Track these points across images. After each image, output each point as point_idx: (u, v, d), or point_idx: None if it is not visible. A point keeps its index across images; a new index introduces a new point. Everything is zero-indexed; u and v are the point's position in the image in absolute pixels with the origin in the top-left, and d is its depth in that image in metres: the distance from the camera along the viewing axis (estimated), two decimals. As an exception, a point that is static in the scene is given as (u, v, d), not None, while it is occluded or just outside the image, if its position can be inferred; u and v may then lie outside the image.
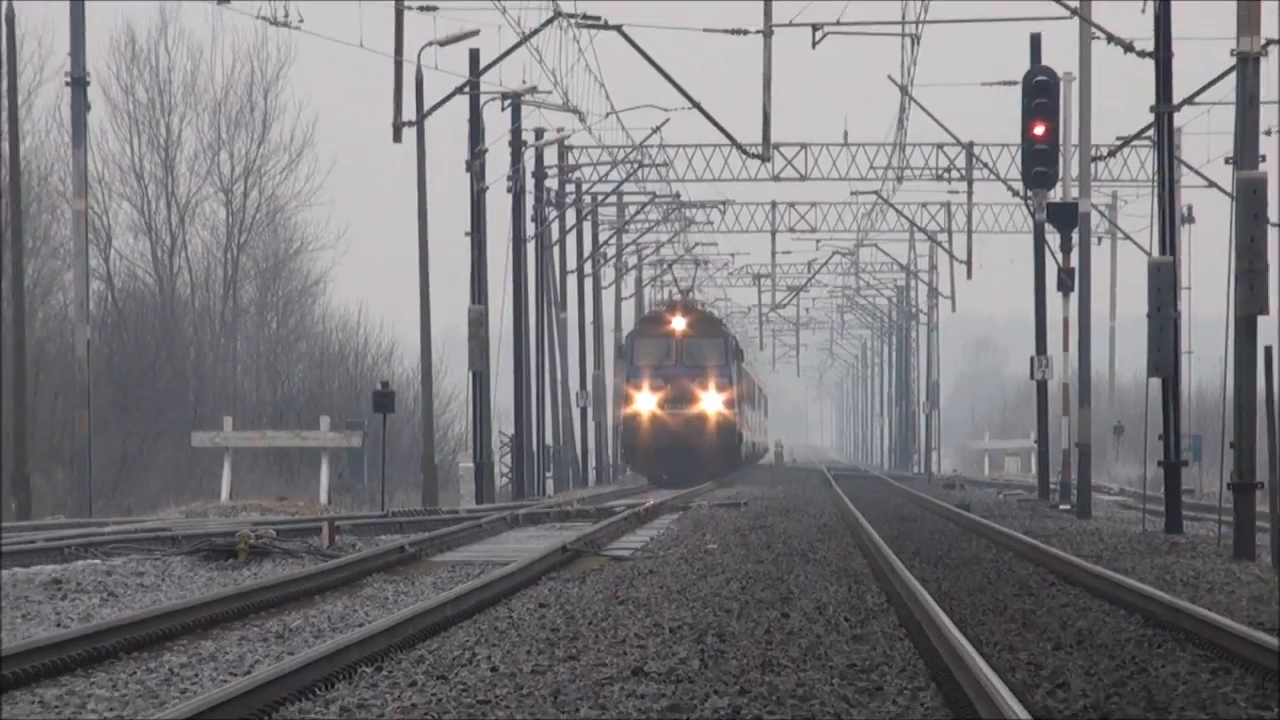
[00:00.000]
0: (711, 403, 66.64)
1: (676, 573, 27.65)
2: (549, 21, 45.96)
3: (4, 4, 46.65)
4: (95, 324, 57.29)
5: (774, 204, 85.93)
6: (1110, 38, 41.03)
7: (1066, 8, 43.25)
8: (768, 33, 46.73)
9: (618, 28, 45.53)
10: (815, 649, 18.19)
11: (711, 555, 30.67)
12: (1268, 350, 28.87)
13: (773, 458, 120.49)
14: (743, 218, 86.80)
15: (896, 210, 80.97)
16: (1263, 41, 31.88)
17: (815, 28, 47.04)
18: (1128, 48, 39.57)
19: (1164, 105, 36.38)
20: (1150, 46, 36.80)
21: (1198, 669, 16.97)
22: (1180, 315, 36.58)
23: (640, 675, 16.40)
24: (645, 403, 66.45)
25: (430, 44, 48.99)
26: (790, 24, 46.33)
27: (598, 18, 46.36)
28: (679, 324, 67.88)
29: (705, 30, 47.82)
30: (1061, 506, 50.29)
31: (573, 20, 45.77)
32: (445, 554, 31.87)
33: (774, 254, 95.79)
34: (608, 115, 59.77)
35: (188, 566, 29.37)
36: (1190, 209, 49.72)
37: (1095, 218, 55.89)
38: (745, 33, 45.90)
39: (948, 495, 62.81)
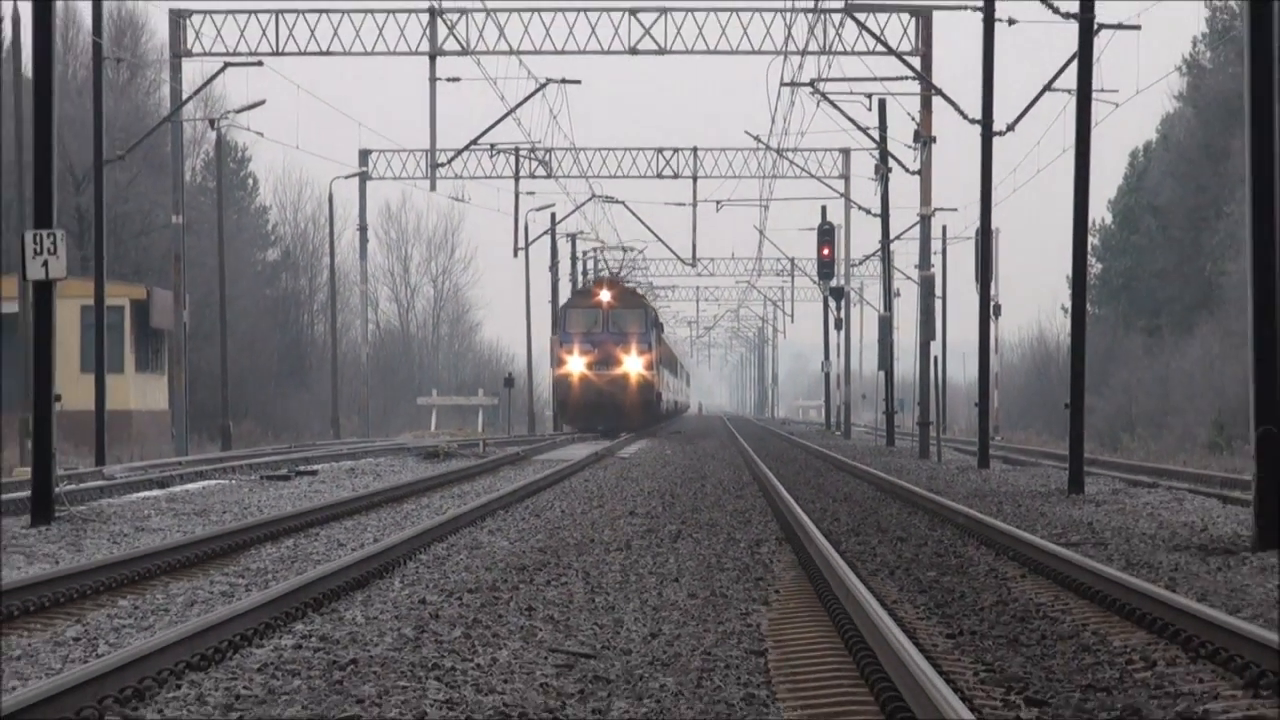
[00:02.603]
0: (633, 365, 68.98)
1: (650, 467, 40.62)
2: (589, 199, 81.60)
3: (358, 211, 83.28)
4: (370, 344, 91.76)
5: (698, 289, 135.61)
6: (859, 206, 65.80)
7: (835, 192, 65.06)
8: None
9: (621, 202, 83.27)
10: (718, 502, 27.16)
11: (668, 457, 46.20)
12: (935, 359, 49.21)
13: (695, 410, 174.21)
14: (677, 295, 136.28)
15: (758, 291, 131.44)
16: (931, 209, 48.56)
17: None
18: (868, 211, 66.25)
19: (885, 240, 58.49)
20: (878, 209, 58.39)
21: (903, 513, 25.45)
22: (893, 340, 61.41)
23: (633, 515, 24.29)
24: (575, 365, 68.92)
25: (531, 209, 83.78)
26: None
27: (615, 198, 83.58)
28: (605, 296, 70.05)
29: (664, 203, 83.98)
30: (836, 433, 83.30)
31: (601, 198, 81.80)
32: (539, 455, 48.11)
33: (697, 305, 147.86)
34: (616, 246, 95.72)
35: (416, 461, 44.68)
36: (899, 290, 68.89)
37: (853, 295, 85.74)
38: (682, 204, 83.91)
39: (781, 426, 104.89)
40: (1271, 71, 19.34)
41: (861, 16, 48.48)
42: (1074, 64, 31.53)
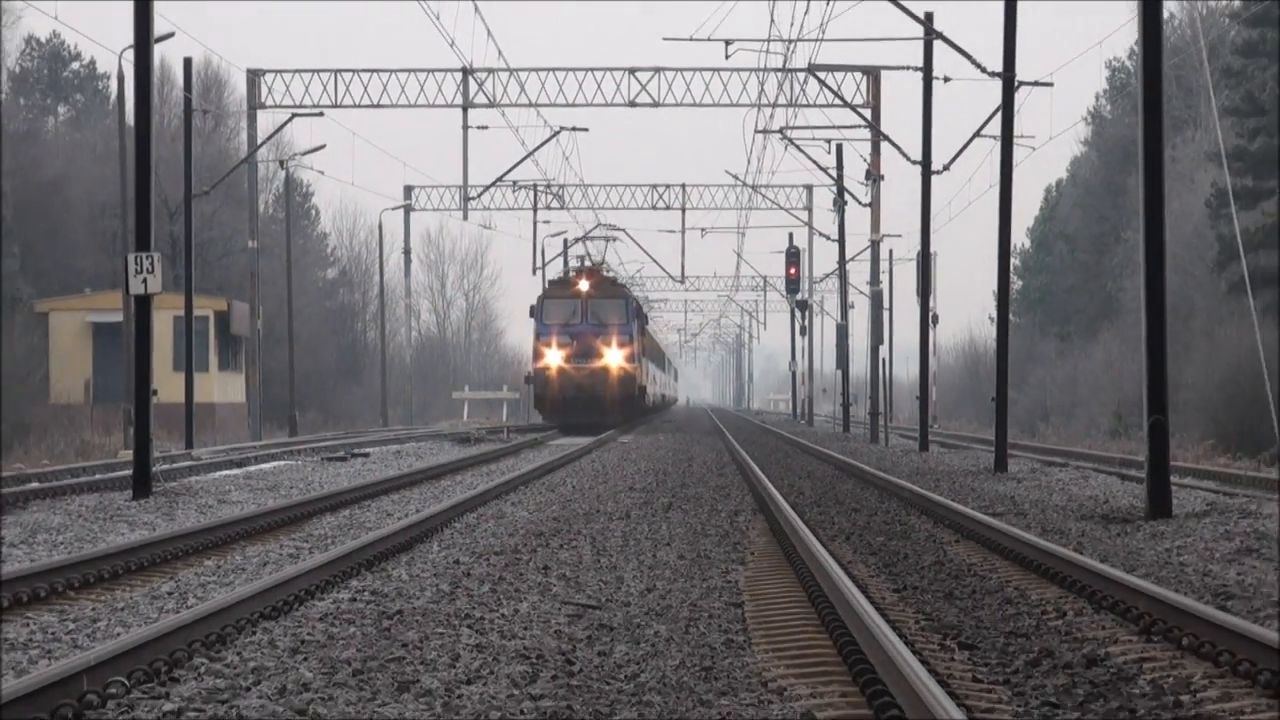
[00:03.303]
0: (614, 357, 55.32)
1: (646, 450, 40.52)
2: (595, 227, 73.72)
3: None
4: (413, 348, 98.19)
5: (686, 301, 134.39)
6: (820, 233, 64.32)
7: (801, 221, 63.60)
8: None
9: (623, 229, 75.87)
10: (703, 479, 27.29)
11: (660, 442, 45.82)
12: (883, 360, 48.92)
13: (684, 403, 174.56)
14: (668, 307, 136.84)
15: (736, 303, 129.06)
16: (880, 235, 49.01)
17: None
18: (827, 237, 64.94)
19: (841, 261, 58.17)
20: (836, 235, 57.29)
21: (858, 488, 25.73)
22: (848, 344, 61.60)
23: (632, 489, 24.46)
24: (553, 358, 54.99)
25: (547, 235, 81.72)
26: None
27: (617, 226, 76.44)
28: (584, 286, 56.25)
29: (658, 230, 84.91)
30: (801, 421, 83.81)
31: (607, 226, 74.23)
32: (553, 441, 47.55)
33: (685, 315, 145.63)
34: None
35: (451, 445, 44.57)
36: (853, 302, 67.41)
37: (815, 306, 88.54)
38: (672, 231, 79.29)
39: (755, 416, 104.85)
40: (1160, 122, 19.40)
41: (822, 75, 48.81)
42: (998, 114, 31.66)
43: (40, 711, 7.32)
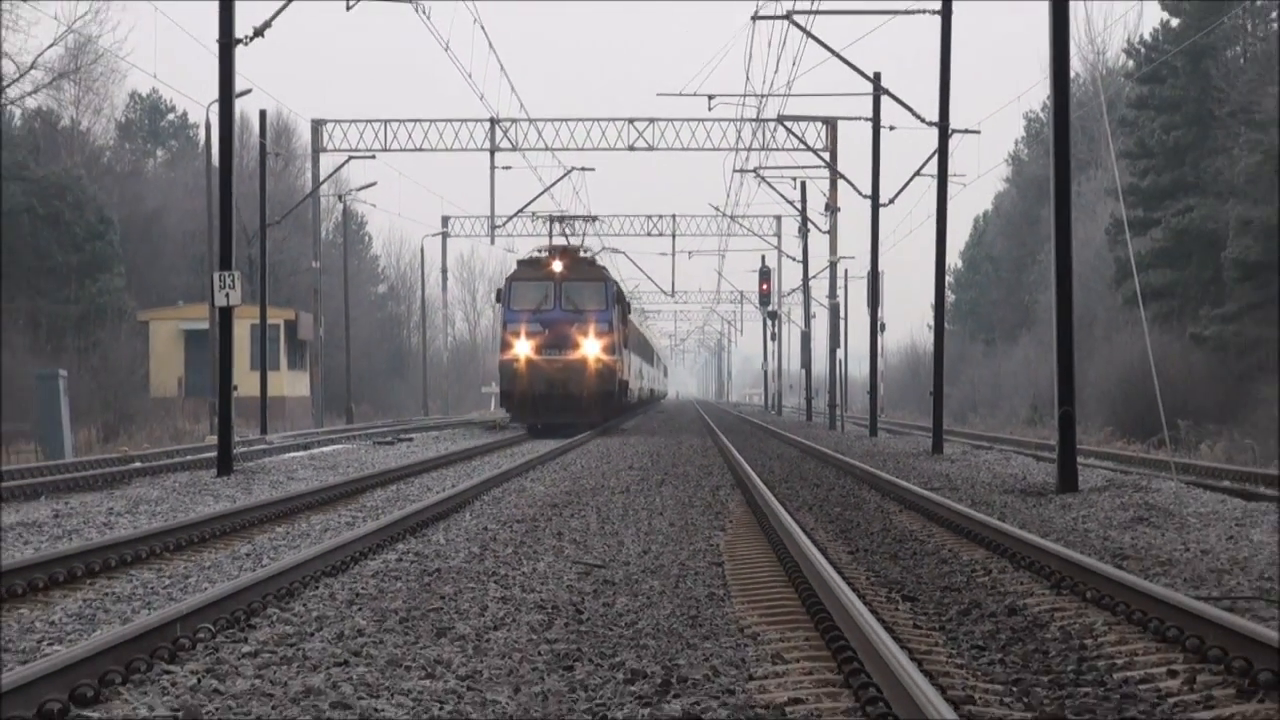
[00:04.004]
0: (591, 348, 41.11)
1: (644, 435, 40.81)
2: (600, 250, 69.09)
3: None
4: (449, 351, 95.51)
5: (675, 312, 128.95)
6: (788, 255, 63.90)
7: (771, 245, 65.39)
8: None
9: (623, 252, 77.06)
10: (690, 460, 27.39)
11: (655, 429, 46.35)
12: (840, 361, 48.45)
13: (673, 396, 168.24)
14: (661, 316, 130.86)
15: (718, 314, 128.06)
16: (837, 257, 48.93)
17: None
18: (793, 259, 63.13)
19: (805, 279, 58.53)
20: (801, 257, 56.90)
21: (818, 467, 25.72)
22: (810, 348, 61.17)
23: (631, 468, 24.53)
24: (522, 348, 40.86)
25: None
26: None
27: (619, 249, 77.22)
28: (558, 267, 41.84)
29: (652, 253, 79.58)
30: (771, 411, 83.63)
31: (608, 249, 73.10)
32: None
33: (675, 323, 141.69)
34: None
35: (481, 432, 43.82)
36: (815, 313, 66.07)
37: (783, 316, 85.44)
38: (664, 253, 71.85)
39: (733, 408, 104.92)
40: (1068, 163, 19.42)
41: (789, 124, 48.90)
42: (935, 157, 31.67)
43: (142, 653, 7.33)
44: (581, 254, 43.15)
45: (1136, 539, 13.27)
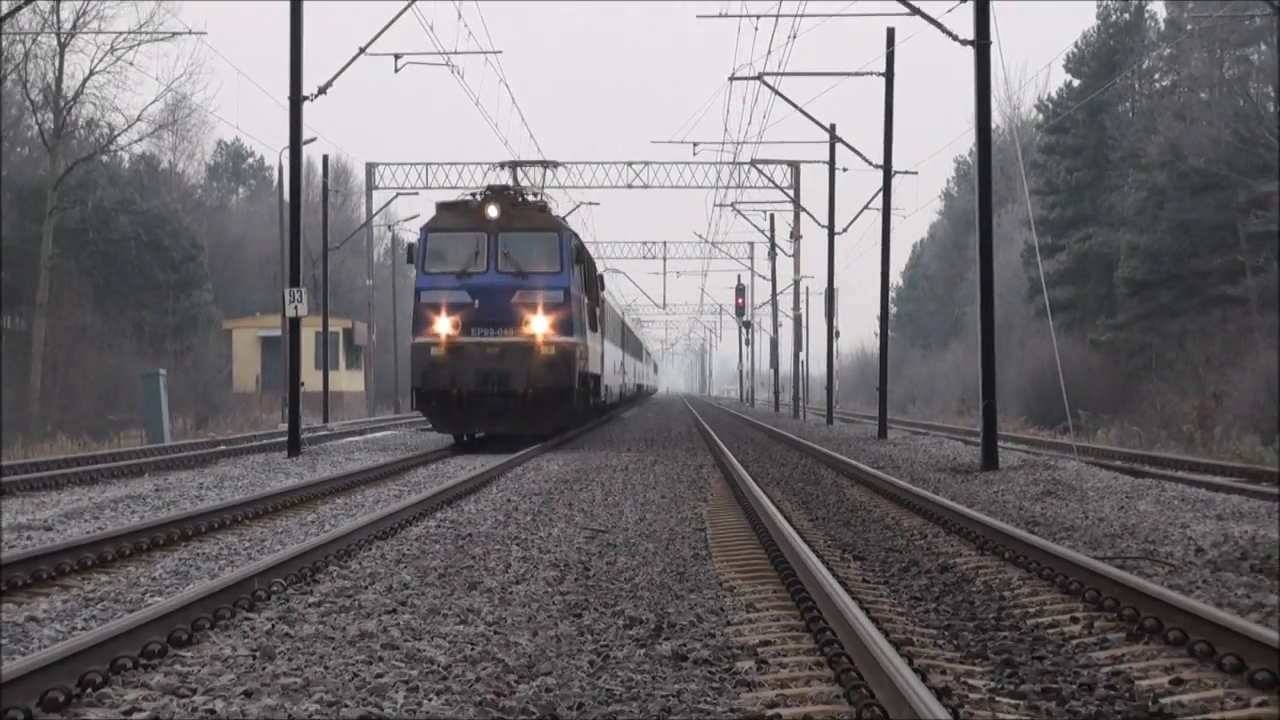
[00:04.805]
0: (539, 325, 22.71)
1: (641, 423, 39.85)
2: (602, 271, 67.55)
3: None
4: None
5: (666, 322, 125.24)
6: (760, 275, 63.05)
7: (746, 266, 67.05)
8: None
9: (623, 271, 76.05)
10: (678, 443, 27.01)
11: (649, 418, 44.69)
12: (802, 362, 48.43)
13: (664, 392, 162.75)
14: (654, 326, 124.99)
15: (701, 323, 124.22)
16: (801, 276, 48.95)
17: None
18: (764, 278, 61.81)
19: (774, 294, 57.02)
20: (769, 277, 56.04)
21: (785, 450, 25.35)
22: (779, 351, 58.68)
23: (629, 450, 24.22)
24: (442, 326, 22.67)
25: None
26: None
27: (619, 269, 75.50)
28: (493, 212, 22.90)
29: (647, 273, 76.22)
30: (746, 404, 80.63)
31: (609, 269, 67.18)
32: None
33: (665, 330, 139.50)
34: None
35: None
36: (782, 322, 65.39)
37: (755, 325, 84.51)
38: (657, 273, 69.84)
39: (715, 401, 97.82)
40: (990, 198, 19.40)
41: (760, 166, 48.83)
42: (881, 194, 31.63)
43: (226, 603, 7.32)
44: (530, 197, 24.39)
45: (1045, 509, 13.23)
